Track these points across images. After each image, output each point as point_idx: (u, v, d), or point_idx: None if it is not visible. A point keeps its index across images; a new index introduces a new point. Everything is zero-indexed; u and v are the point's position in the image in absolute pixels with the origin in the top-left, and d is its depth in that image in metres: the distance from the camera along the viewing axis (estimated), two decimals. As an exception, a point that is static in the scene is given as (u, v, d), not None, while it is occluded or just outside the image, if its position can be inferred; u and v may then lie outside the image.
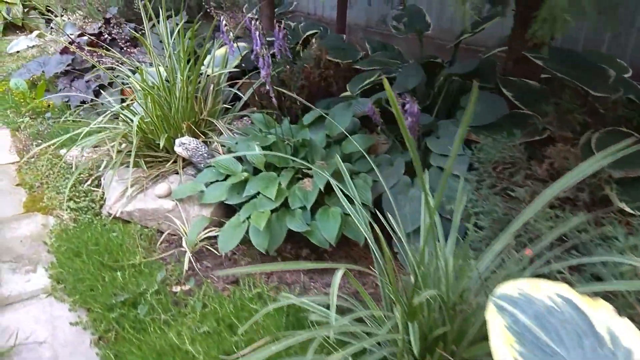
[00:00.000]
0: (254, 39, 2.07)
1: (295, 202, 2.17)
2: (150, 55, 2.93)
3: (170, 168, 2.75)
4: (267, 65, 2.09)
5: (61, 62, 4.09)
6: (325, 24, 5.78)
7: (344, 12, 4.88)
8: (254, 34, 2.05)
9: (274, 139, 2.44)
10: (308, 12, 6.09)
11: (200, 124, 2.94)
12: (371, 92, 3.27)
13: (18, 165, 3.28)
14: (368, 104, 2.76)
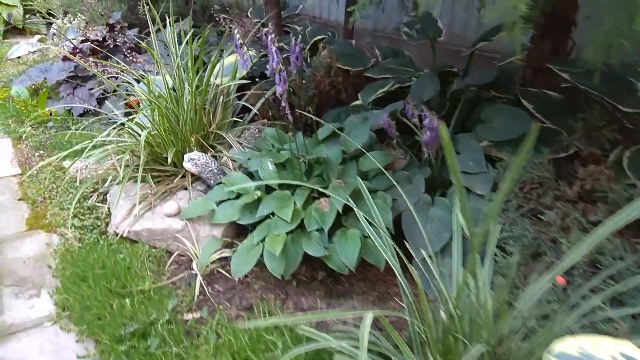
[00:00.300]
0: (270, 53, 1.95)
1: (311, 224, 2.06)
2: (157, 64, 2.81)
3: (178, 184, 2.64)
4: (284, 81, 1.97)
5: (63, 69, 3.97)
6: (332, 27, 5.67)
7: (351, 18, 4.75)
8: (270, 48, 1.93)
9: (287, 156, 2.33)
10: (313, 15, 5.96)
11: (209, 137, 2.82)
12: (383, 101, 3.15)
13: (20, 178, 3.16)
14: (383, 116, 2.65)
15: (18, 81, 4.21)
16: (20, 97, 3.90)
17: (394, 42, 4.92)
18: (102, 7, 4.34)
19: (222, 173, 2.56)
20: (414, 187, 2.29)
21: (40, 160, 3.35)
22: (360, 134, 2.39)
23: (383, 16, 5.03)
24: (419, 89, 2.91)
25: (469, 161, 2.30)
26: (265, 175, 2.27)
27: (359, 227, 2.08)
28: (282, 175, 2.27)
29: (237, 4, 5.68)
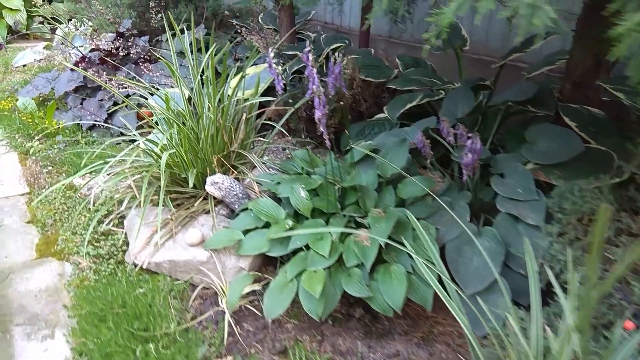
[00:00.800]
0: (310, 76, 1.75)
1: (351, 259, 1.86)
2: (175, 78, 2.60)
3: (199, 207, 2.44)
4: (323, 105, 1.78)
5: (72, 80, 3.77)
6: (345, 33, 5.47)
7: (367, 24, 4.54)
8: (309, 70, 1.74)
9: (320, 181, 2.13)
10: (325, 21, 5.76)
11: (230, 156, 2.62)
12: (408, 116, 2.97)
13: (28, 197, 2.96)
14: (417, 134, 2.46)
15: (24, 91, 4.00)
16: (27, 110, 3.69)
17: (410, 49, 4.72)
18: (111, 14, 4.13)
19: (246, 197, 2.36)
20: (457, 215, 2.09)
21: (48, 177, 3.15)
22: (398, 156, 2.19)
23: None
24: (452, 104, 2.72)
25: (517, 187, 2.10)
26: (297, 202, 2.07)
27: (402, 262, 1.89)
28: (315, 203, 2.07)
29: (246, 10, 5.47)
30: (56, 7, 5.29)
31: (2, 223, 2.70)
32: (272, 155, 2.74)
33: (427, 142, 2.45)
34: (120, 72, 3.82)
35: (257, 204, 2.14)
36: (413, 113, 3.04)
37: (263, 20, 5.06)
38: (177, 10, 4.53)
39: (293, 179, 2.17)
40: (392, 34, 4.92)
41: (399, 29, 4.81)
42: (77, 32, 4.64)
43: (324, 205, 2.08)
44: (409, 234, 1.92)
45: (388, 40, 4.94)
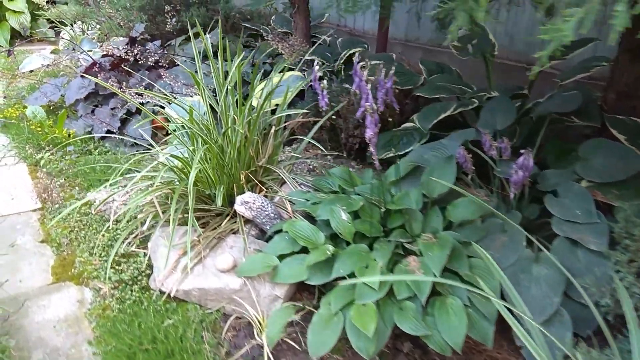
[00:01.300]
0: (363, 91, 1.58)
1: (402, 291, 1.69)
2: (200, 89, 2.42)
3: (227, 227, 2.26)
4: (375, 124, 1.60)
5: (83, 87, 3.58)
6: (358, 36, 5.29)
7: (385, 26, 4.37)
8: (362, 85, 1.56)
9: (361, 202, 1.95)
10: (337, 23, 5.58)
11: (257, 171, 2.44)
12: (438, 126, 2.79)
13: (41, 213, 2.77)
14: (457, 148, 2.29)
15: (32, 98, 3.81)
16: (37, 118, 3.50)
17: (428, 53, 4.55)
18: (121, 18, 3.94)
19: (278, 217, 2.18)
20: (510, 240, 1.92)
21: (61, 191, 2.96)
22: (445, 174, 2.02)
23: (415, 25, 4.65)
24: (490, 115, 2.55)
25: (575, 208, 1.93)
26: (338, 225, 1.89)
27: (457, 293, 1.71)
28: (356, 226, 1.90)
29: (258, 12, 5.28)
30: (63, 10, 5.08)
31: (14, 242, 2.52)
32: (300, 169, 2.55)
33: (469, 157, 2.28)
34: (133, 79, 3.63)
35: (294, 226, 1.96)
36: (441, 122, 2.87)
37: (275, 23, 4.87)
38: (189, 14, 4.34)
39: (332, 199, 1.99)
40: (408, 37, 4.75)
41: (415, 32, 4.65)
42: (85, 36, 4.44)
43: (366, 228, 1.91)
44: (463, 262, 1.74)
45: (404, 44, 4.76)
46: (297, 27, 4.34)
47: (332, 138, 3.27)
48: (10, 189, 3.02)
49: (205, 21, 4.49)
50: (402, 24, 4.70)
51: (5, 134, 3.71)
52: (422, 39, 4.59)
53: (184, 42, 4.09)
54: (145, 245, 2.36)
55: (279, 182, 2.45)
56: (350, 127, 3.03)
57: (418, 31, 4.61)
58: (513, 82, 3.64)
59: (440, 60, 3.83)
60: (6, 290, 2.16)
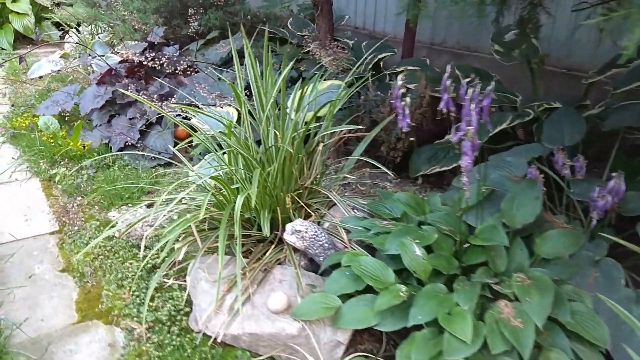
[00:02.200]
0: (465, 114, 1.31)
1: (497, 344, 1.43)
2: (240, 102, 2.14)
3: (273, 257, 1.99)
4: (474, 149, 1.34)
5: (99, 95, 3.29)
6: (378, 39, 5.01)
7: (412, 30, 4.10)
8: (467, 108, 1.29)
9: (434, 233, 1.69)
10: (356, 25, 5.30)
11: (302, 193, 2.17)
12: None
13: (59, 237, 2.49)
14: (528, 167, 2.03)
15: (43, 107, 3.52)
16: (50, 129, 3.21)
17: (456, 57, 4.28)
18: (137, 20, 3.65)
19: (333, 247, 1.92)
20: (605, 276, 1.66)
21: (80, 210, 2.69)
22: (528, 200, 1.75)
23: (441, 27, 4.38)
24: (556, 129, 2.28)
25: (679, 240, 1.67)
26: (411, 262, 1.63)
27: (560, 345, 1.45)
28: (431, 262, 1.63)
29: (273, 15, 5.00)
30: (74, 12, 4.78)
31: (32, 272, 2.24)
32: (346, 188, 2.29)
33: (541, 177, 2.03)
34: (152, 86, 3.35)
35: (357, 262, 1.69)
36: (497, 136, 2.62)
37: (292, 25, 4.58)
38: (207, 17, 4.05)
39: (401, 230, 1.73)
40: (434, 40, 4.48)
41: (442, 34, 4.38)
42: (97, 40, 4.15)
43: (442, 265, 1.64)
44: (565, 308, 1.48)
45: (430, 47, 4.50)
46: (320, 30, 4.05)
47: (370, 151, 3.00)
48: (24, 208, 2.73)
49: (223, 24, 4.21)
50: (426, 25, 4.43)
51: (14, 146, 3.43)
52: (450, 42, 4.33)
53: (203, 46, 3.81)
54: (178, 274, 2.09)
55: (327, 205, 2.18)
56: (392, 139, 2.76)
57: (445, 33, 4.34)
58: (555, 90, 3.39)
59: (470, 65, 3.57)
60: (26, 333, 1.89)
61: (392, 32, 4.91)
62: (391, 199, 2.02)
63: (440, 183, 2.92)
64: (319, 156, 2.19)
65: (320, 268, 1.95)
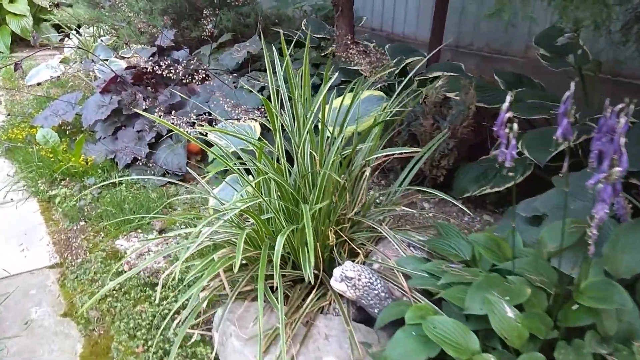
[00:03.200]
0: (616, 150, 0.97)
1: None
2: (272, 118, 1.79)
3: (315, 305, 1.65)
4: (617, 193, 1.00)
5: (103, 105, 2.94)
6: (397, 41, 4.67)
7: (440, 30, 3.75)
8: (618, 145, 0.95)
9: (526, 288, 1.34)
10: (372, 27, 4.97)
11: (345, 226, 1.83)
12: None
13: (60, 272, 2.14)
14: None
15: (41, 117, 3.17)
16: (49, 144, 2.86)
17: (484, 60, 3.94)
18: (143, 22, 3.29)
19: (390, 296, 1.57)
20: None
21: (83, 238, 2.34)
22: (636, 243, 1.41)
23: (468, 28, 4.04)
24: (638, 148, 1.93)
25: None
26: (501, 325, 1.29)
27: None
28: (527, 325, 1.29)
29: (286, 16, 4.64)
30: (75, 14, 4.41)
31: (29, 317, 1.90)
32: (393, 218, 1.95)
33: (629, 207, 1.69)
34: (161, 95, 2.99)
35: (431, 323, 1.35)
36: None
37: (307, 27, 4.22)
38: (218, 19, 3.70)
39: (482, 283, 1.38)
40: (459, 43, 4.14)
41: (469, 36, 4.04)
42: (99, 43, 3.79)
43: (538, 328, 1.30)
44: None
45: (455, 50, 4.16)
46: (340, 32, 3.72)
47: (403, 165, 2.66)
48: (20, 235, 2.39)
49: (235, 26, 3.86)
50: (452, 26, 4.07)
51: (10, 160, 3.07)
52: (478, 45, 3.98)
53: (215, 50, 3.46)
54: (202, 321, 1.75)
55: (373, 240, 1.83)
56: (436, 156, 2.42)
57: (472, 35, 4.00)
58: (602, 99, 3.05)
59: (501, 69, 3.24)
60: (22, 401, 1.54)
61: (412, 34, 4.57)
62: (455, 235, 1.68)
63: (482, 203, 2.58)
64: (365, 182, 1.84)
65: (369, 315, 1.61)
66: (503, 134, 1.07)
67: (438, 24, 3.69)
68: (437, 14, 3.66)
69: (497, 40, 3.81)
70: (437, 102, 2.67)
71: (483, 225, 2.44)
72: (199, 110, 2.87)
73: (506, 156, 1.09)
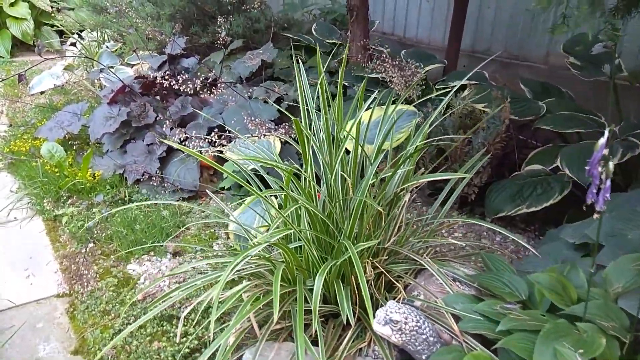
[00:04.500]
0: None
1: None
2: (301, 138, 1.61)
3: (352, 346, 1.48)
4: None
5: (111, 117, 2.77)
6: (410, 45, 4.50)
7: (458, 36, 3.59)
8: None
9: (600, 338, 1.18)
10: (383, 31, 4.79)
11: (381, 257, 1.66)
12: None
13: (69, 302, 1.97)
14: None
15: (45, 129, 2.99)
16: (55, 158, 2.68)
17: (503, 66, 3.78)
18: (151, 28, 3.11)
19: (438, 340, 1.40)
20: None
21: (93, 262, 2.17)
22: None
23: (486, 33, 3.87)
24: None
25: None
26: (574, 383, 1.12)
27: None
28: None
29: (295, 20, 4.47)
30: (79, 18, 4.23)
31: (37, 355, 1.72)
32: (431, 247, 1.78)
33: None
34: (172, 106, 2.82)
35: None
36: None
37: (317, 32, 4.06)
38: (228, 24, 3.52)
39: (550, 332, 1.22)
40: (475, 47, 3.97)
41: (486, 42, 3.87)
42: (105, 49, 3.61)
43: (616, 383, 1.13)
44: None
45: (471, 55, 3.99)
46: (355, 38, 3.57)
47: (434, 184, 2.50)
48: (25, 259, 2.22)
49: (245, 32, 3.69)
50: (468, 32, 3.90)
51: (13, 175, 2.90)
52: (495, 50, 3.81)
53: (226, 57, 3.28)
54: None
55: (412, 272, 1.67)
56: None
57: (490, 40, 3.83)
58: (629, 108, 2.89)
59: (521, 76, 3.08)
60: None
61: (426, 38, 4.40)
62: (506, 269, 1.51)
63: (511, 221, 2.43)
64: (403, 209, 1.67)
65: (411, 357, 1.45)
66: (597, 174, 0.91)
67: (456, 30, 3.53)
68: (455, 18, 3.50)
69: (516, 46, 3.65)
70: (463, 115, 2.52)
71: (517, 245, 2.28)
72: (212, 123, 2.70)
73: (598, 199, 0.93)
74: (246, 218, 2.04)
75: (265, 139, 2.31)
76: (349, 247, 1.32)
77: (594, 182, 0.92)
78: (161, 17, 3.41)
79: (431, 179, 1.60)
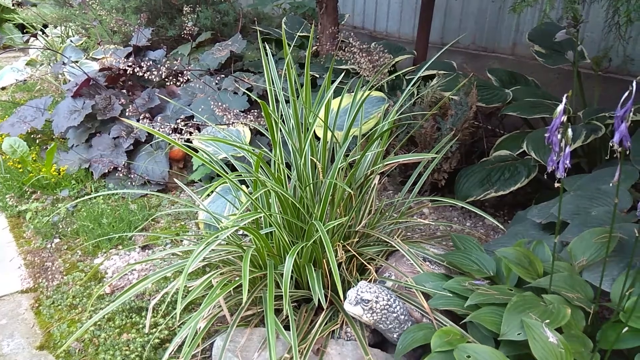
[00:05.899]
0: None
1: None
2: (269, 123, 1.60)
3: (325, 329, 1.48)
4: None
5: (76, 110, 2.70)
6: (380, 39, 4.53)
7: (427, 28, 3.62)
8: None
9: (566, 308, 1.21)
10: (354, 25, 4.81)
11: (352, 239, 1.66)
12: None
13: (34, 297, 1.92)
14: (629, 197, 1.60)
15: (7, 124, 2.90)
16: (17, 154, 2.60)
17: (471, 58, 3.83)
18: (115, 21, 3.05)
19: (409, 318, 1.42)
20: None
21: (59, 256, 2.11)
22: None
23: (454, 25, 3.93)
24: (651, 147, 1.84)
25: None
26: (543, 352, 1.15)
27: None
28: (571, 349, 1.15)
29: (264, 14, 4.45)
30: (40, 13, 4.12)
31: (0, 352, 1.66)
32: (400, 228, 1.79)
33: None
34: (138, 99, 2.77)
35: (463, 351, 1.19)
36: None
37: (287, 25, 4.05)
38: (195, 16, 3.48)
39: (518, 303, 1.24)
40: (444, 40, 4.02)
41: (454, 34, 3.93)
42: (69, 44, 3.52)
43: (579, 353, 1.17)
44: None
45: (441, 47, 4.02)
46: (324, 31, 3.56)
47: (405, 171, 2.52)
48: (-13, 256, 2.14)
49: (214, 25, 3.65)
50: (436, 24, 3.94)
51: (-27, 172, 2.80)
52: (464, 42, 3.87)
53: (194, 49, 3.24)
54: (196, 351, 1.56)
55: (383, 254, 1.68)
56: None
57: (458, 32, 3.89)
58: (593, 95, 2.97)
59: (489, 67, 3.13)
60: None
61: (395, 31, 4.44)
62: (475, 248, 1.54)
63: (481, 206, 2.46)
64: (373, 192, 1.68)
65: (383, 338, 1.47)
66: (556, 141, 0.93)
67: (424, 22, 3.56)
68: (424, 11, 3.53)
69: (484, 37, 3.72)
70: (432, 102, 2.55)
71: (487, 229, 2.32)
72: (179, 114, 2.67)
73: (558, 166, 0.95)
74: (217, 207, 2.02)
75: (234, 127, 2.29)
76: (318, 227, 1.32)
77: (553, 149, 0.94)
78: (126, 9, 3.35)
79: (400, 161, 1.61)
